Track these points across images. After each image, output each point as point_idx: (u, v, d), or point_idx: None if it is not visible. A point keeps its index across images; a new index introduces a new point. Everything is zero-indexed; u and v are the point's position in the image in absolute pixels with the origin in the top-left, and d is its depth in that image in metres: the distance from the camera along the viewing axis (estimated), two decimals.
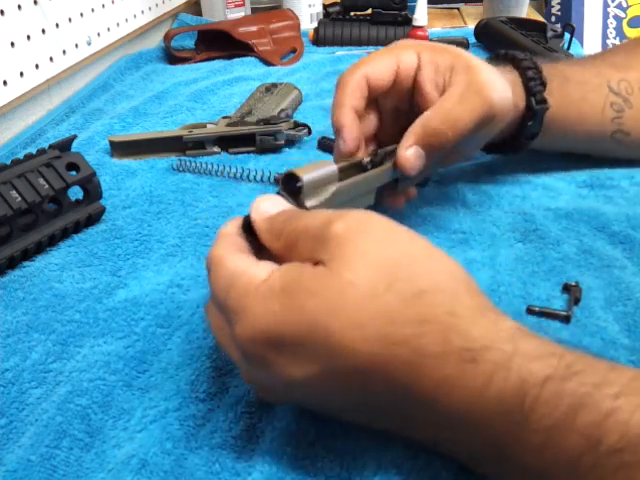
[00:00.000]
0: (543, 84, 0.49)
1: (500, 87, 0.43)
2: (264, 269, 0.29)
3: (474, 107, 0.41)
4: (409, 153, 0.41)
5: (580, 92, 0.52)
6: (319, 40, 1.06)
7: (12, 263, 0.47)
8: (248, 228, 0.32)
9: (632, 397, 0.23)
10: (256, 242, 0.32)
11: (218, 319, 0.30)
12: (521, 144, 0.52)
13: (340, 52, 1.02)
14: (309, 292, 0.26)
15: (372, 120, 0.47)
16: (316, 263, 0.28)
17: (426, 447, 0.29)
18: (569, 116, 0.52)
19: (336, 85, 0.44)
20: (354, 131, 0.42)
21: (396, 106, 0.46)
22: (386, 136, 0.47)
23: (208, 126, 0.67)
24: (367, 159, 0.43)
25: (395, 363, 0.26)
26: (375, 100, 0.46)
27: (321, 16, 1.16)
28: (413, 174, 0.42)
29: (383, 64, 0.44)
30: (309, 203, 0.39)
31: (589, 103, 0.52)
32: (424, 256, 0.28)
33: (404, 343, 0.26)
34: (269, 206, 0.32)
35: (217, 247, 0.31)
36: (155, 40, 1.13)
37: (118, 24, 0.96)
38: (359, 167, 0.42)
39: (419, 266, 0.27)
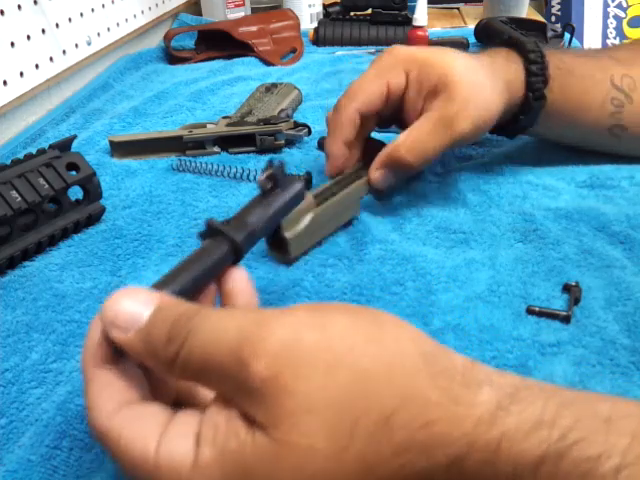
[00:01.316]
0: (545, 81, 0.50)
1: (479, 105, 0.46)
2: (180, 447, 0.22)
3: (442, 139, 0.45)
4: (376, 175, 0.48)
5: (582, 85, 0.53)
6: (319, 40, 1.06)
7: (12, 263, 0.47)
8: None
9: (635, 467, 0.21)
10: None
11: None
12: (514, 132, 0.54)
13: (340, 52, 1.02)
14: (267, 476, 0.22)
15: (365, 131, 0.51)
16: (248, 419, 0.23)
17: None
18: (568, 108, 0.53)
19: (333, 112, 0.49)
20: (339, 160, 0.50)
21: (387, 118, 0.51)
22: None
23: (208, 126, 0.67)
24: (332, 181, 0.49)
25: None
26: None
27: (321, 16, 1.16)
28: (383, 189, 0.49)
29: (374, 94, 0.47)
30: (288, 234, 0.41)
31: (590, 96, 0.53)
32: (374, 366, 0.23)
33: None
34: (135, 309, 0.24)
35: (96, 415, 0.24)
36: (155, 40, 1.13)
37: (118, 24, 0.96)
38: (331, 191, 0.47)
39: (375, 385, 0.22)
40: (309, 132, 0.68)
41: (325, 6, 1.10)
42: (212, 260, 0.28)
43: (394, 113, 0.50)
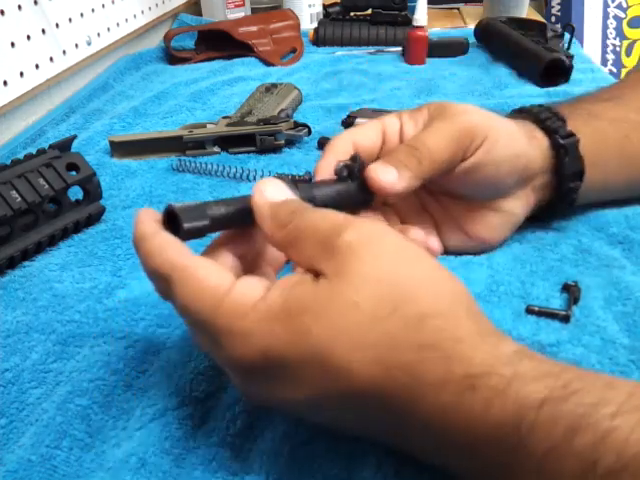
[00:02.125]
0: (561, 120, 0.44)
1: (480, 112, 0.41)
2: (254, 286, 0.28)
3: (442, 129, 0.39)
4: (389, 177, 0.37)
5: (619, 130, 0.46)
6: (319, 40, 1.06)
7: (12, 263, 0.47)
8: (171, 221, 0.30)
9: (630, 415, 0.23)
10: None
11: (203, 338, 0.29)
12: (569, 190, 0.44)
13: (340, 52, 1.02)
14: (312, 314, 0.26)
15: None
16: (317, 274, 0.27)
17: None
18: (609, 158, 0.46)
19: (325, 148, 0.42)
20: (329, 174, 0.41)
21: None
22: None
23: (208, 126, 0.67)
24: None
25: (393, 388, 0.26)
26: None
27: (321, 16, 1.16)
28: (389, 192, 0.37)
29: (369, 129, 0.43)
30: None
31: (633, 142, 0.46)
32: (429, 279, 0.27)
33: (404, 369, 0.25)
34: (274, 192, 0.31)
35: (169, 250, 0.29)
36: (155, 40, 1.13)
37: (118, 24, 0.96)
38: None
39: (424, 289, 0.27)
40: (309, 132, 0.68)
41: (325, 6, 1.10)
42: None
43: None
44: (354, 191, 0.37)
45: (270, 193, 0.31)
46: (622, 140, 0.46)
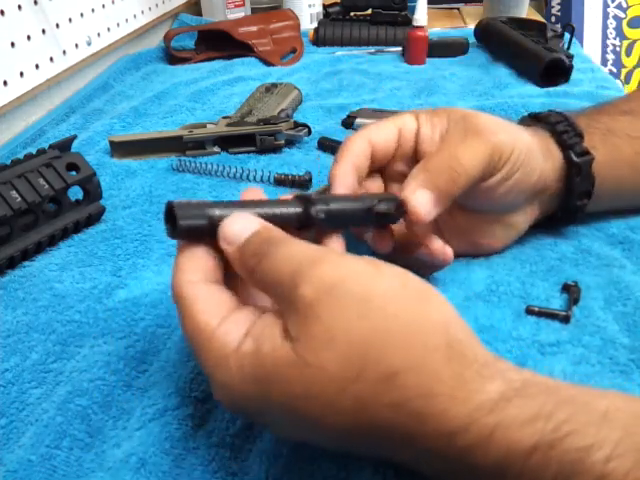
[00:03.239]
0: (578, 135, 0.43)
1: (505, 127, 0.40)
2: (234, 331, 0.27)
3: (476, 147, 0.38)
4: (423, 200, 0.36)
5: (634, 146, 0.45)
6: (319, 40, 1.06)
7: (12, 263, 0.47)
8: (170, 218, 0.30)
9: (625, 458, 0.22)
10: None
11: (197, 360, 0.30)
12: (575, 207, 0.44)
13: (340, 52, 1.02)
14: (282, 380, 0.26)
15: (378, 189, 0.44)
16: (287, 332, 0.26)
17: None
18: (623, 174, 0.45)
19: (339, 149, 0.41)
20: (347, 182, 0.39)
21: (401, 172, 0.43)
22: None
23: (208, 126, 0.67)
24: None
25: (370, 440, 0.26)
26: (380, 170, 0.44)
27: (321, 16, 1.16)
28: (426, 220, 0.37)
29: (386, 128, 0.41)
30: None
31: None
32: (399, 329, 0.25)
33: (377, 428, 0.25)
34: (238, 229, 0.30)
35: (179, 274, 0.30)
36: (155, 40, 1.13)
37: (118, 24, 0.96)
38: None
39: (392, 343, 0.25)
40: (309, 132, 0.68)
41: (325, 6, 1.10)
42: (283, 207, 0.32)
43: (409, 169, 0.40)
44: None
45: (233, 233, 0.30)
46: (635, 156, 0.45)
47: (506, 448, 0.23)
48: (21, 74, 0.72)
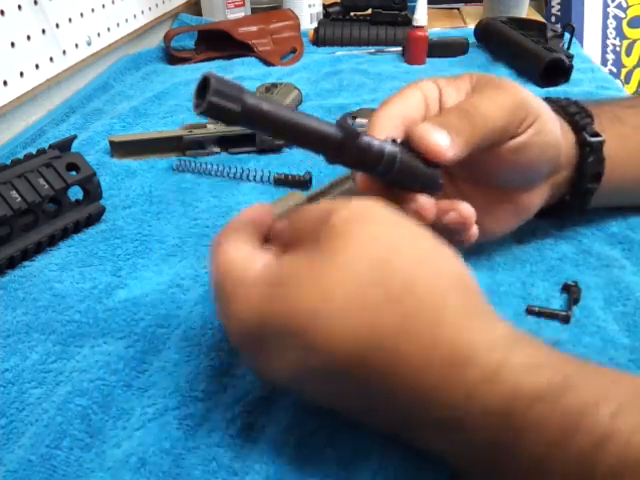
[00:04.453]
0: (589, 116, 0.42)
1: (530, 93, 0.38)
2: (261, 259, 0.29)
3: (499, 98, 0.36)
4: (443, 140, 0.33)
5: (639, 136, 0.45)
6: (319, 40, 1.06)
7: (12, 263, 0.47)
8: (203, 92, 0.27)
9: (632, 416, 0.22)
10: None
11: (218, 305, 0.30)
12: (586, 191, 0.43)
13: (340, 52, 1.02)
14: (294, 284, 0.26)
15: None
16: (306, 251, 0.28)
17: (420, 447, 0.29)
18: (629, 165, 0.44)
19: (368, 125, 0.39)
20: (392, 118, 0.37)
21: None
22: None
23: (208, 126, 0.67)
24: (328, 184, 0.45)
25: (376, 361, 0.25)
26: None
27: (321, 16, 1.16)
28: (443, 157, 0.33)
29: (412, 97, 0.38)
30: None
31: None
32: (420, 257, 0.27)
33: (387, 339, 0.25)
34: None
35: (222, 233, 0.31)
36: (155, 40, 1.13)
37: (118, 24, 0.96)
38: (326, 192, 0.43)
39: (413, 267, 0.26)
40: None
41: (325, 6, 1.10)
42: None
43: None
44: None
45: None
46: None
47: (509, 392, 0.23)
48: (21, 74, 0.72)
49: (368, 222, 0.28)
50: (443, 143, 0.33)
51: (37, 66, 0.75)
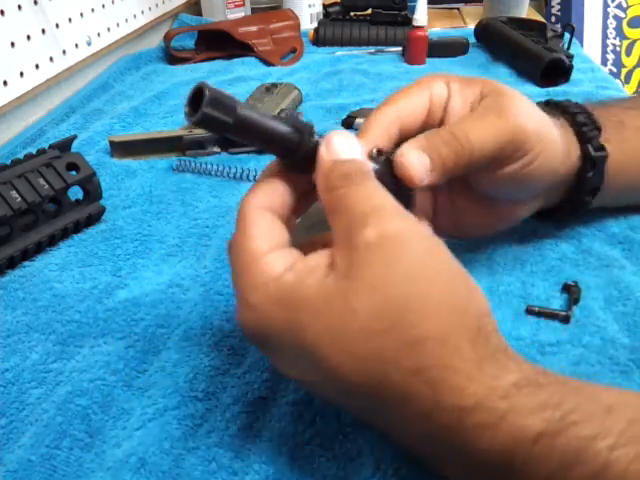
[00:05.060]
0: (597, 129, 0.42)
1: (536, 115, 0.37)
2: (280, 261, 0.28)
3: (492, 126, 0.35)
4: (420, 162, 0.32)
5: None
6: (319, 40, 1.06)
7: (12, 263, 0.47)
8: (196, 102, 0.26)
9: (629, 447, 0.23)
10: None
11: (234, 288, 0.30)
12: (582, 202, 0.43)
13: (340, 52, 1.02)
14: (311, 312, 0.26)
15: None
16: (332, 265, 0.27)
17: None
18: (632, 167, 0.44)
19: (363, 124, 0.37)
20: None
21: None
22: None
23: None
24: None
25: (381, 399, 0.26)
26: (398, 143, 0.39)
27: (321, 16, 1.16)
28: (417, 183, 0.33)
29: (416, 97, 0.37)
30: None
31: None
32: (441, 298, 0.26)
33: (394, 388, 0.25)
34: (341, 148, 0.30)
35: (251, 198, 0.30)
36: (155, 40, 1.13)
37: (118, 24, 0.96)
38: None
39: (430, 310, 0.26)
40: None
41: (325, 6, 1.10)
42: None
43: None
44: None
45: (335, 147, 0.30)
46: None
47: (514, 434, 0.24)
48: (21, 74, 0.72)
49: (394, 255, 0.26)
50: (421, 170, 0.33)
51: (37, 66, 0.75)
